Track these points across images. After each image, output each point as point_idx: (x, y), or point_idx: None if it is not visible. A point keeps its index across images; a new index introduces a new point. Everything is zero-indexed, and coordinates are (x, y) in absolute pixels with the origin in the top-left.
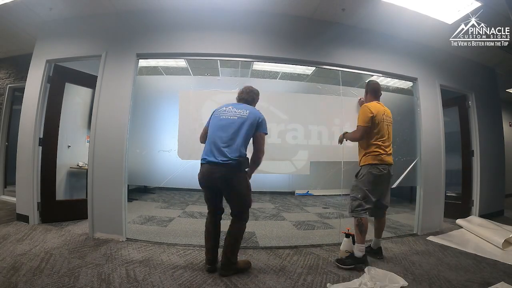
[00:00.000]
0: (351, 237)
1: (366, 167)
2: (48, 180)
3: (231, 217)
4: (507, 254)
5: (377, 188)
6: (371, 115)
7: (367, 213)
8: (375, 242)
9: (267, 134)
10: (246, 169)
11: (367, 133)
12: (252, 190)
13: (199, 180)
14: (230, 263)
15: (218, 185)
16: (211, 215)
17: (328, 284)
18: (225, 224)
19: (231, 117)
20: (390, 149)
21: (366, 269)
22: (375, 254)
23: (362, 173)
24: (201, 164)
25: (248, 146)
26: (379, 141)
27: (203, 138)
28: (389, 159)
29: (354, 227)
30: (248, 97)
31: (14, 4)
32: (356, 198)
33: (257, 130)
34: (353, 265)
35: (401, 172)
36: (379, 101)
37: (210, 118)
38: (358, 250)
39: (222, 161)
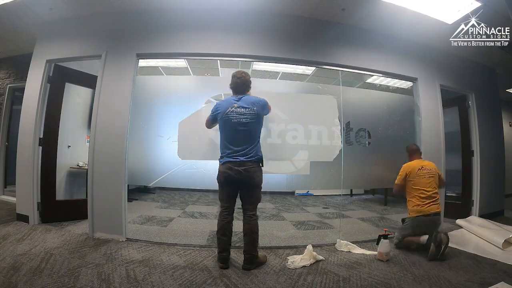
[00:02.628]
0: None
1: (410, 219)
2: (48, 180)
3: (248, 214)
4: (507, 254)
5: (421, 231)
6: (404, 173)
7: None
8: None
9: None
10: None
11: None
12: None
13: (221, 177)
14: (254, 257)
15: (241, 181)
16: (229, 213)
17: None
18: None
19: (243, 120)
20: (432, 200)
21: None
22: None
23: (406, 220)
24: (222, 164)
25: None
26: (418, 194)
27: (209, 125)
28: (430, 209)
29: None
30: (245, 87)
31: (14, 4)
32: (396, 237)
33: (264, 114)
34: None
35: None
36: (420, 158)
37: (215, 116)
38: (421, 240)
39: (247, 159)
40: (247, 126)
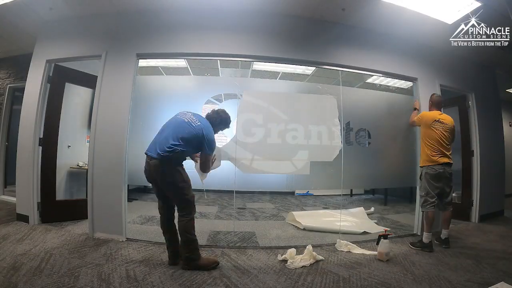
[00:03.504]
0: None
1: (423, 169)
2: (48, 180)
3: (179, 215)
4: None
5: (435, 185)
6: (420, 117)
7: (433, 207)
8: (443, 232)
9: (209, 154)
10: (183, 163)
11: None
12: (252, 190)
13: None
14: (190, 260)
15: (155, 178)
16: (163, 210)
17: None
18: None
19: (184, 119)
20: (445, 151)
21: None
22: (442, 243)
23: (422, 173)
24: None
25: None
26: (430, 144)
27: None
28: (443, 159)
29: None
30: (213, 114)
31: (14, 4)
32: (421, 196)
33: (201, 148)
34: (420, 248)
35: (401, 172)
36: (440, 111)
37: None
38: (425, 238)
39: (157, 154)
40: (183, 124)
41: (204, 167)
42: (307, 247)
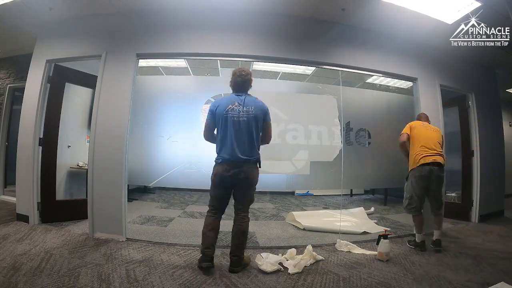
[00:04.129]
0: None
1: (410, 171)
2: (48, 180)
3: (241, 215)
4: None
5: (420, 188)
6: (408, 127)
7: (418, 210)
8: (434, 233)
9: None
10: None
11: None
12: None
13: (216, 178)
14: (241, 259)
15: (238, 181)
16: (218, 211)
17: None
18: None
19: (241, 118)
20: (433, 150)
21: None
22: (433, 245)
23: (408, 175)
24: (219, 163)
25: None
26: (417, 144)
27: (208, 135)
28: (430, 158)
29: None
30: (246, 86)
31: (14, 4)
32: (405, 198)
33: (264, 120)
34: (413, 246)
35: (401, 172)
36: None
37: (214, 114)
38: (417, 238)
39: (245, 157)
40: (246, 125)
41: (269, 138)
42: (307, 247)
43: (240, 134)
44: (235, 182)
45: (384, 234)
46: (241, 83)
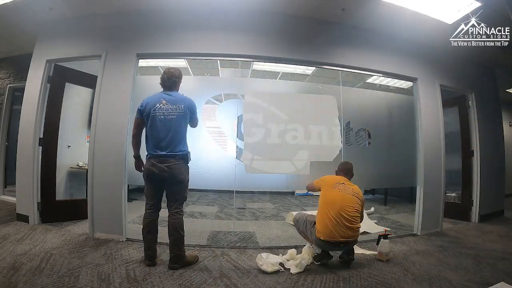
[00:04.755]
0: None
1: (317, 238)
2: (48, 180)
3: (172, 212)
4: None
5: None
6: (322, 180)
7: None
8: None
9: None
10: (189, 164)
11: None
12: (252, 190)
13: (145, 174)
14: (179, 257)
15: (166, 177)
16: (154, 210)
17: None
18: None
19: (170, 116)
20: (346, 226)
21: None
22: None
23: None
24: (148, 158)
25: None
26: (327, 211)
27: (135, 132)
28: (342, 235)
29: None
30: (172, 83)
31: (14, 4)
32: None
33: (191, 117)
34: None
35: (401, 172)
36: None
37: (142, 112)
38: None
39: (172, 153)
40: (173, 123)
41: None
42: (304, 247)
43: (168, 131)
44: (163, 178)
45: (384, 234)
46: (166, 80)
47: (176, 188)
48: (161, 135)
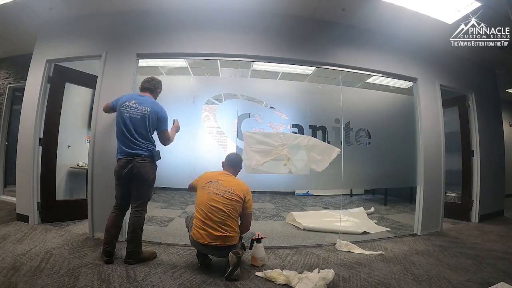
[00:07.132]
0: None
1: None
2: (48, 180)
3: (133, 210)
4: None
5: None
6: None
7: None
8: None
9: (166, 129)
10: (157, 162)
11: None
12: (252, 190)
13: (114, 175)
14: (134, 253)
15: (132, 176)
16: (120, 208)
17: None
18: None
19: (135, 116)
20: (212, 228)
21: None
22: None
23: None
24: (117, 160)
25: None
26: (198, 212)
27: (104, 108)
28: (206, 239)
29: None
30: (150, 85)
31: (14, 4)
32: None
33: (158, 127)
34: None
35: (401, 172)
36: (230, 173)
37: (115, 104)
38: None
39: (137, 152)
40: (138, 122)
41: (167, 142)
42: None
43: (133, 130)
44: (129, 177)
45: (258, 238)
46: (146, 82)
47: (139, 186)
48: (126, 133)
